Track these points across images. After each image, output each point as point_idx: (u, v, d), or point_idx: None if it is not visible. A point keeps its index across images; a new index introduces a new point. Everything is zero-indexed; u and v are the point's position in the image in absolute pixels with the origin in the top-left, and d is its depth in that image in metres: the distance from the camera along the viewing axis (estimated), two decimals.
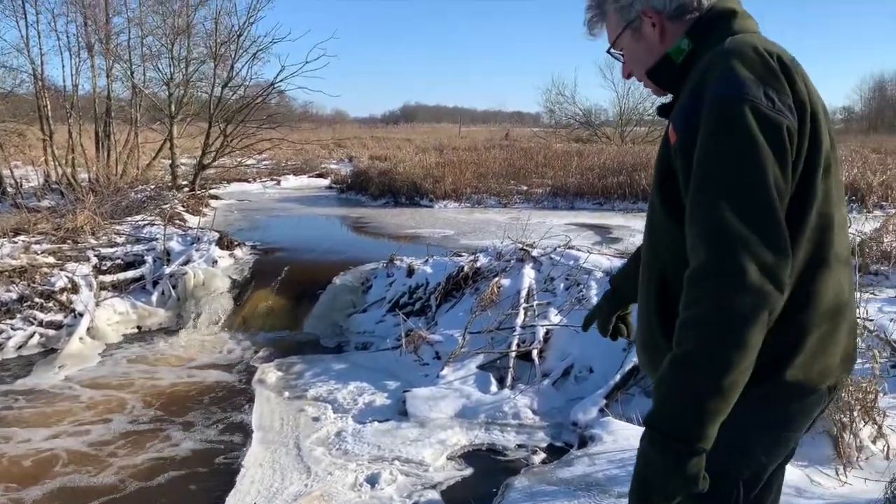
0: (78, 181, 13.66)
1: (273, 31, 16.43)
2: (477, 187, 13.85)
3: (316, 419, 5.02)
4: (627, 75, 1.57)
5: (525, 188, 14.06)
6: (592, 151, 17.72)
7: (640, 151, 17.06)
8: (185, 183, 14.13)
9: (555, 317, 5.75)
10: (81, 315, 7.00)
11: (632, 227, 10.51)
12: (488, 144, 24.56)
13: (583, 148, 19.56)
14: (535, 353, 5.41)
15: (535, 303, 5.95)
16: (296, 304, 7.45)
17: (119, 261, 8.27)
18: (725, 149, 1.19)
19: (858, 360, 3.97)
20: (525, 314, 5.83)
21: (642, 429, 1.22)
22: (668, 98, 1.52)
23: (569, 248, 6.62)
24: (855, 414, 3.17)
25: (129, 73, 14.56)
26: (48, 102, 14.07)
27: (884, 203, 11.74)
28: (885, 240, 6.52)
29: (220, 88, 13.96)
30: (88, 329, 6.94)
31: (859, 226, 6.97)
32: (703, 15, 1.40)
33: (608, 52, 1.56)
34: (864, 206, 11.55)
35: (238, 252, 8.70)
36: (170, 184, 13.99)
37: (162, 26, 14.41)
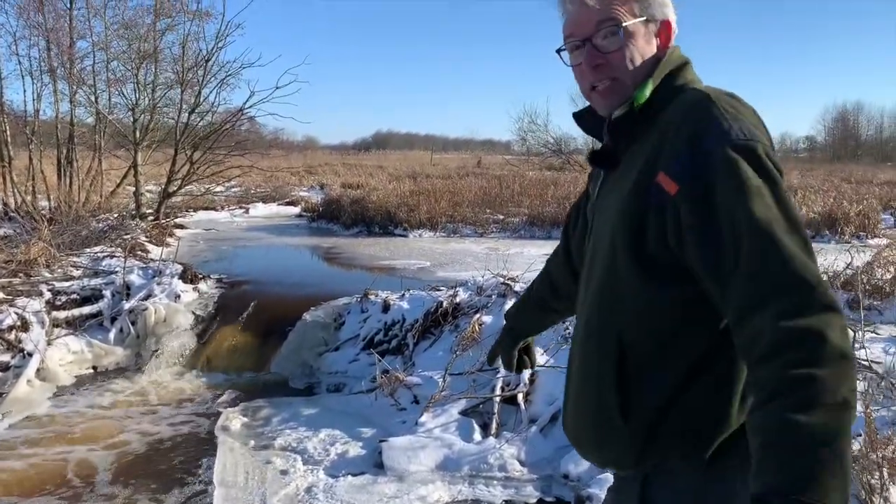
0: (37, 209, 13.11)
1: (242, 56, 16.13)
2: (452, 216, 13.55)
3: (284, 472, 4.59)
4: (595, 65, 1.34)
5: (501, 217, 13.79)
6: (567, 180, 17.55)
7: None
8: (149, 211, 13.62)
9: (540, 356, 5.41)
10: (31, 355, 6.49)
11: None
12: (461, 172, 24.38)
13: (557, 176, 19.43)
14: (520, 396, 5.06)
15: None
16: (263, 342, 7.02)
17: (75, 295, 7.76)
18: (765, 191, 1.14)
19: (874, 408, 3.72)
20: None
21: None
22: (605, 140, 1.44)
23: None
24: (885, 473, 2.86)
25: (93, 98, 14.08)
26: (7, 127, 13.54)
27: (861, 233, 11.66)
28: (877, 273, 6.30)
29: (186, 114, 13.53)
30: (38, 370, 6.44)
31: (843, 257, 6.76)
32: (663, 63, 1.35)
33: (602, 23, 1.32)
34: (842, 236, 11.46)
35: (202, 286, 8.25)
36: (133, 212, 13.47)
37: (128, 51, 14.00)
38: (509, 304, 6.07)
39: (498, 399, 5.02)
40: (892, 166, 38.76)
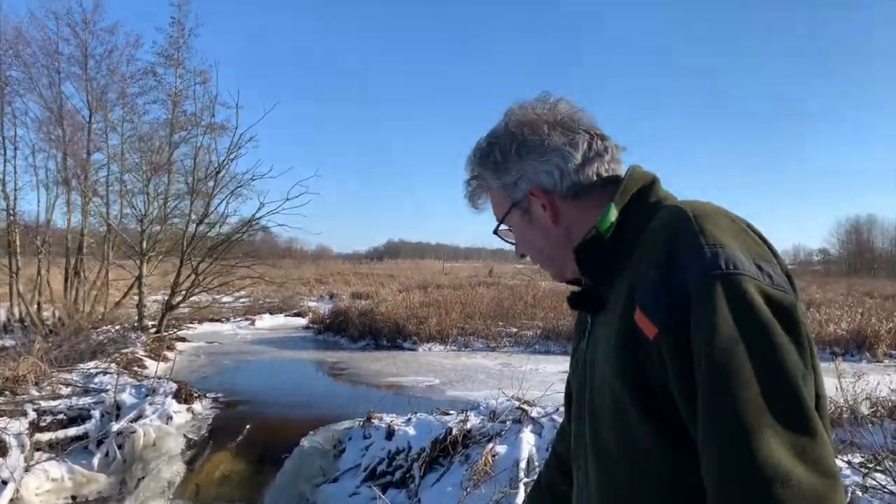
0: (41, 320, 12.83)
1: (254, 167, 16.21)
2: (463, 328, 13.10)
3: None
4: (521, 255, 1.36)
5: (514, 330, 13.32)
6: None
7: None
8: (151, 323, 13.28)
9: None
10: (5, 483, 5.97)
11: None
12: (473, 281, 24.11)
13: (572, 287, 19.01)
14: None
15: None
16: (256, 471, 6.45)
17: (61, 416, 7.27)
18: (746, 345, 0.92)
19: None
20: (526, 491, 4.91)
21: None
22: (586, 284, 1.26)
23: None
24: None
25: (104, 209, 14.08)
26: (18, 238, 13.47)
27: (893, 352, 11.07)
28: None
29: (195, 225, 13.43)
30: (11, 501, 5.90)
31: (884, 379, 6.24)
32: (626, 184, 1.18)
33: (496, 233, 1.35)
34: (874, 356, 10.85)
35: (197, 406, 7.76)
36: (136, 324, 13.13)
37: (140, 163, 14.10)
38: (526, 432, 5.55)
39: None
40: None
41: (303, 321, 17.29)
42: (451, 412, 6.42)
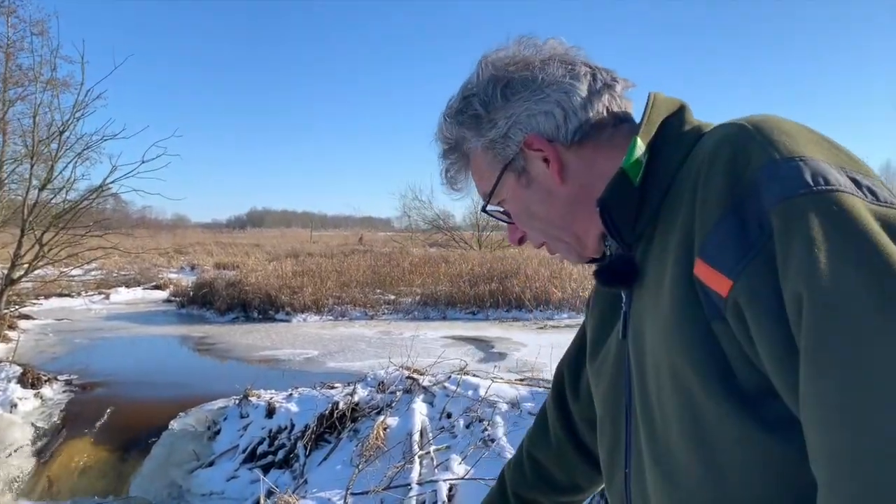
0: None
1: (104, 127, 14.83)
2: (339, 297, 12.69)
3: None
4: (519, 241, 1.05)
5: (393, 297, 13.07)
6: (456, 257, 17.15)
7: (506, 257, 16.69)
8: None
9: (458, 465, 4.65)
10: None
11: (512, 339, 9.74)
12: (345, 249, 23.58)
13: (447, 253, 19.02)
14: None
15: (433, 448, 4.84)
16: (121, 459, 5.85)
17: None
18: (857, 276, 0.62)
19: None
20: (421, 464, 4.69)
21: None
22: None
23: (464, 373, 5.61)
24: None
25: None
26: None
27: None
28: None
29: (36, 191, 12.07)
30: None
31: None
32: (649, 113, 0.90)
33: (484, 210, 1.05)
34: None
35: (47, 390, 6.96)
36: None
37: None
38: (418, 402, 5.32)
39: None
40: None
41: (163, 294, 16.21)
42: (337, 385, 6.08)
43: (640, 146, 0.87)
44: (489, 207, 1.03)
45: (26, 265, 11.81)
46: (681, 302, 0.77)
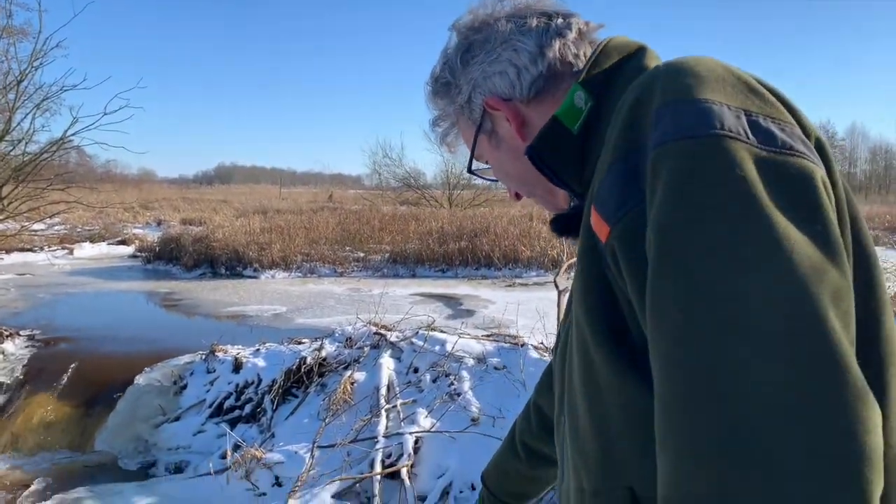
0: None
1: (64, 77, 14.30)
2: (308, 254, 12.62)
3: None
4: (517, 196, 1.05)
5: (362, 255, 13.04)
6: (427, 215, 17.11)
7: (476, 215, 16.70)
8: None
9: (424, 419, 4.70)
10: None
11: (480, 296, 9.79)
12: (314, 206, 23.38)
13: (417, 211, 18.95)
14: (404, 471, 4.31)
15: (399, 402, 4.88)
16: (85, 414, 5.81)
17: None
18: (707, 232, 0.58)
19: None
20: (388, 418, 4.73)
21: None
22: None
23: (431, 330, 5.64)
24: None
25: None
26: None
27: None
28: None
29: None
30: None
31: None
32: (596, 57, 0.87)
33: (470, 171, 1.07)
34: None
35: (9, 345, 6.85)
36: None
37: None
38: (385, 357, 5.34)
39: (378, 477, 4.25)
40: None
41: (129, 250, 15.97)
42: (305, 340, 6.08)
43: (579, 94, 0.85)
44: (475, 167, 1.05)
45: None
46: (583, 250, 0.76)
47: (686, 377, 0.56)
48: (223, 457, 4.82)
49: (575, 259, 0.99)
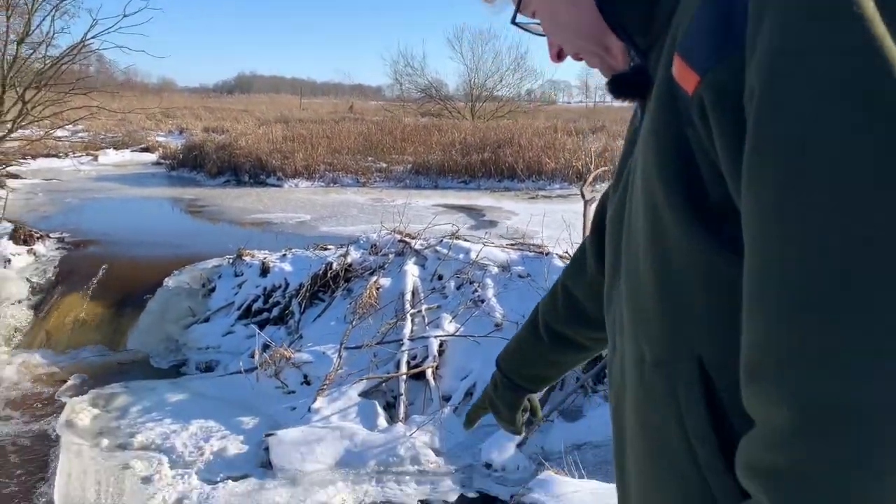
0: None
1: None
2: (331, 164, 12.58)
3: (147, 480, 3.76)
4: (557, 55, 0.90)
5: (384, 165, 12.97)
6: (449, 126, 16.88)
7: (499, 127, 16.45)
8: None
9: (449, 324, 4.78)
10: None
11: (503, 208, 9.78)
12: (335, 117, 23.14)
13: (439, 123, 18.69)
14: (429, 372, 4.42)
15: (424, 307, 4.95)
16: (117, 314, 5.97)
17: None
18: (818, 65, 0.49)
19: None
20: (413, 322, 4.81)
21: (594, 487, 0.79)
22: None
23: (456, 238, 5.65)
24: None
25: None
26: None
27: None
28: None
29: (15, 45, 11.60)
30: None
31: None
32: None
33: (514, 22, 0.91)
34: None
35: (40, 247, 6.98)
36: None
37: None
38: (410, 264, 5.38)
39: (404, 377, 4.36)
40: None
41: (152, 157, 16.02)
42: (330, 247, 6.13)
43: None
44: (520, 19, 0.92)
45: (10, 123, 11.55)
46: (660, 107, 0.68)
47: (785, 251, 0.51)
48: (252, 356, 4.95)
49: (622, 149, 0.93)
